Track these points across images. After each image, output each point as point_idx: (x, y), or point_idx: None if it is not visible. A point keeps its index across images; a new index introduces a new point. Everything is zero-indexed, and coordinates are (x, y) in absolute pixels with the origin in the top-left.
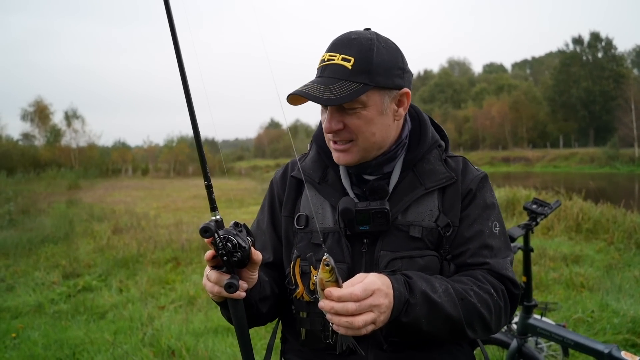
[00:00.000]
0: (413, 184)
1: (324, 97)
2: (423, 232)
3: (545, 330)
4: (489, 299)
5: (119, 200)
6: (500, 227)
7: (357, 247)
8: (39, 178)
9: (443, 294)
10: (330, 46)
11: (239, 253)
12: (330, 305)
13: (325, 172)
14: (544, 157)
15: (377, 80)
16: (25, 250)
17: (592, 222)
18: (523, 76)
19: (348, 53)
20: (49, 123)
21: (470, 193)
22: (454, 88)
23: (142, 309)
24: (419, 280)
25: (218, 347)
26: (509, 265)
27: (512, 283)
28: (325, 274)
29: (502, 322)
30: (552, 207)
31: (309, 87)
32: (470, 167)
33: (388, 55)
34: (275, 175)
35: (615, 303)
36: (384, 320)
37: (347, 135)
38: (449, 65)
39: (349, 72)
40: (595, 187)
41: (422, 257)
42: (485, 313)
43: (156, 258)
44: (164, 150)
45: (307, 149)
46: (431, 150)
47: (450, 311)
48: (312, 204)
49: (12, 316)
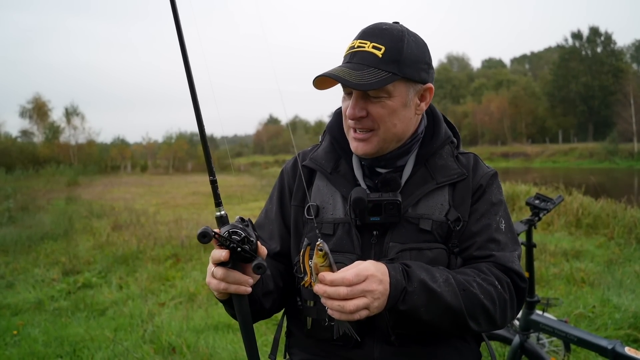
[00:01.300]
0: (425, 178)
1: (354, 81)
2: (433, 225)
3: (547, 326)
4: (493, 291)
5: (118, 197)
6: (506, 224)
7: (366, 238)
8: (38, 175)
9: (443, 283)
10: (360, 34)
11: (248, 246)
12: (324, 289)
13: (337, 163)
14: (543, 152)
15: (405, 72)
16: (24, 247)
17: (592, 217)
18: (522, 71)
19: (379, 42)
20: (47, 120)
21: (480, 189)
22: (452, 83)
23: (142, 306)
24: (418, 269)
25: (219, 343)
26: (516, 259)
27: (518, 276)
28: (319, 259)
29: (507, 316)
30: (555, 202)
31: (339, 71)
32: (481, 164)
33: (417, 49)
34: (285, 165)
35: (617, 298)
36: (379, 306)
37: (369, 123)
38: (447, 60)
39: (379, 60)
40: (595, 182)
41: (431, 249)
42: (488, 305)
43: (156, 255)
44: (163, 147)
45: (319, 140)
46: (444, 146)
47: (451, 301)
48: (323, 194)
49: (12, 313)
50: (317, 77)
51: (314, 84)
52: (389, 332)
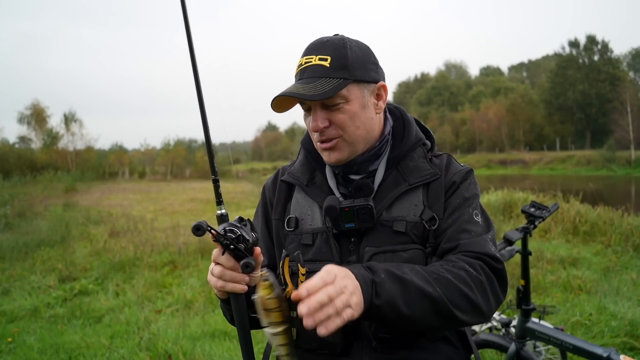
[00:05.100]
0: (397, 180)
1: (309, 93)
2: (407, 226)
3: (543, 334)
4: (464, 274)
5: (115, 204)
6: (480, 215)
7: (345, 245)
8: (36, 181)
9: (410, 271)
10: (305, 51)
11: (243, 245)
12: (308, 302)
13: (312, 175)
14: (540, 159)
15: (355, 74)
16: (21, 253)
17: (589, 225)
18: (520, 79)
19: (324, 53)
20: (45, 126)
21: (454, 185)
22: (450, 91)
23: (139, 313)
24: (379, 264)
25: (215, 351)
26: (489, 242)
27: (491, 258)
28: (264, 291)
29: (490, 300)
30: (550, 210)
31: (292, 88)
32: (454, 163)
33: (360, 52)
34: (266, 181)
35: (613, 306)
36: (358, 302)
37: (333, 132)
38: (446, 68)
39: (328, 69)
40: (592, 189)
41: (406, 250)
42: (464, 288)
43: (153, 261)
44: (161, 153)
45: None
46: (415, 148)
47: (424, 286)
48: (301, 206)
49: (8, 320)
50: (273, 99)
51: (273, 108)
52: (371, 337)
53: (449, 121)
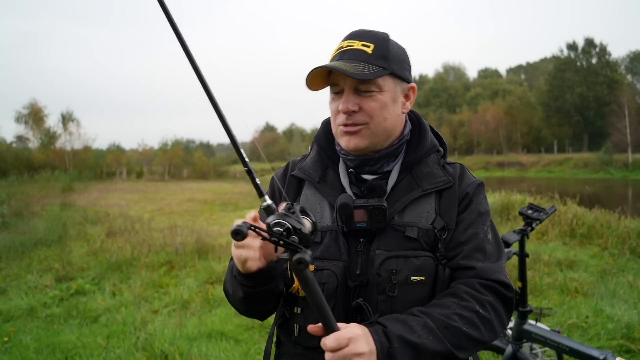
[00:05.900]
0: (411, 185)
1: (351, 70)
2: (419, 232)
3: (540, 336)
4: (475, 317)
5: (113, 203)
6: (492, 235)
7: (353, 245)
8: (33, 181)
9: (422, 331)
10: (346, 37)
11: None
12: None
13: (325, 172)
14: (538, 162)
15: (393, 68)
16: (18, 253)
17: (586, 227)
18: (518, 81)
19: (367, 40)
20: (43, 125)
21: (467, 197)
22: (449, 93)
23: (136, 313)
24: (393, 325)
25: (212, 351)
26: (502, 269)
27: (504, 286)
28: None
29: (496, 331)
30: (548, 213)
31: (334, 64)
32: (467, 173)
33: (400, 50)
34: (276, 172)
35: (610, 308)
36: None
37: (361, 118)
38: (444, 70)
39: (369, 55)
40: (589, 192)
41: (417, 257)
42: (473, 333)
43: (150, 262)
44: (159, 153)
45: (308, 150)
46: (429, 154)
47: (435, 347)
48: (311, 203)
49: (4, 320)
50: (312, 69)
51: (308, 80)
52: None
53: (446, 123)
